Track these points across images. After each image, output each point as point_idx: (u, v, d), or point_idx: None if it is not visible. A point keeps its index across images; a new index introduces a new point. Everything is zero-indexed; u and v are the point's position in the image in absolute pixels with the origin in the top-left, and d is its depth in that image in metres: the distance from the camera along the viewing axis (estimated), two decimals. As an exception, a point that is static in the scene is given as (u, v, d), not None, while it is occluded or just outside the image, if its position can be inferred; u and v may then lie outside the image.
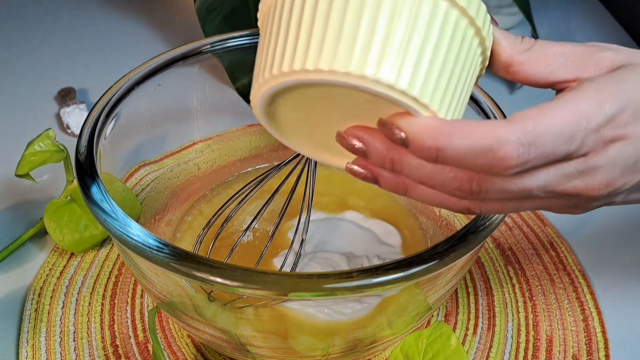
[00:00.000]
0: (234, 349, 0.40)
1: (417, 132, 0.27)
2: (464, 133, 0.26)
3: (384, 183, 0.30)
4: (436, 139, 0.26)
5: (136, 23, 0.82)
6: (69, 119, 0.63)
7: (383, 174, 0.30)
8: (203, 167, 0.53)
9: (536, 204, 0.30)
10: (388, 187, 0.30)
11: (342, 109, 0.29)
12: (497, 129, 0.26)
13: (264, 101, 0.30)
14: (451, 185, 0.28)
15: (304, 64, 0.27)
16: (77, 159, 0.38)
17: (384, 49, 0.26)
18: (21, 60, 0.75)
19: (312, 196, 0.45)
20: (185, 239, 0.49)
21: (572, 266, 0.51)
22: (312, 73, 0.27)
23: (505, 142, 0.26)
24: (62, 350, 0.44)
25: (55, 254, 0.51)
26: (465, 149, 0.26)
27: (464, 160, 0.26)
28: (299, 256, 0.44)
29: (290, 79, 0.27)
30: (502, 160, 0.26)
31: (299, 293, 0.32)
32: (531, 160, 0.26)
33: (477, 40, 0.29)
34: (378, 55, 0.26)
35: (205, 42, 0.48)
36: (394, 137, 0.27)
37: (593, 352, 0.45)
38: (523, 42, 0.31)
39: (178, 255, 0.32)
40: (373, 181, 0.31)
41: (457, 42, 0.28)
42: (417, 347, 0.38)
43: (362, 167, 0.30)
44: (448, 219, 0.47)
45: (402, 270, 0.32)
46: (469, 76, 0.29)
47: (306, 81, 0.27)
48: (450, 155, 0.26)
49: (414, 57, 0.26)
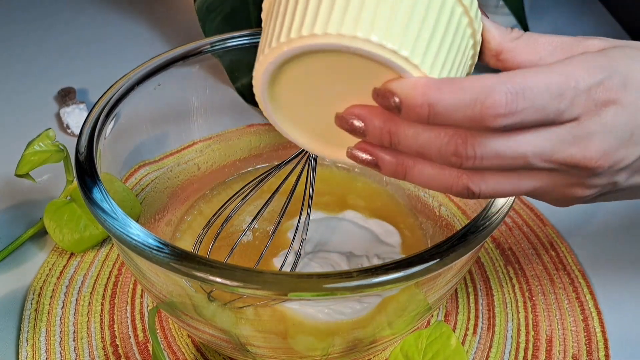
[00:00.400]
0: (233, 348, 0.40)
1: (408, 91, 0.27)
2: (453, 86, 0.27)
3: (384, 167, 0.31)
4: (426, 95, 0.27)
5: (136, 23, 0.82)
6: (69, 119, 0.64)
7: (383, 156, 0.30)
8: (203, 167, 0.53)
9: (536, 180, 0.29)
10: (388, 171, 0.31)
11: (341, 88, 0.30)
12: (485, 80, 0.26)
13: (268, 75, 0.31)
14: (447, 151, 0.28)
15: (300, 31, 0.28)
16: (77, 159, 0.38)
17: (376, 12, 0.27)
18: (21, 60, 0.75)
19: (312, 196, 0.45)
20: (185, 239, 0.49)
21: (572, 266, 0.51)
22: (307, 39, 0.28)
23: (492, 90, 0.26)
24: (62, 350, 0.44)
25: (55, 254, 0.51)
26: (455, 101, 0.26)
27: (454, 114, 0.27)
28: (299, 256, 0.44)
29: (297, 45, 0.28)
30: (491, 107, 0.26)
31: (299, 293, 0.32)
32: (520, 112, 0.26)
33: (465, 20, 0.30)
34: (370, 18, 0.27)
35: (205, 42, 0.48)
36: (389, 104, 0.28)
37: (593, 352, 0.45)
38: (512, 32, 0.31)
39: (178, 255, 0.32)
40: (374, 165, 0.31)
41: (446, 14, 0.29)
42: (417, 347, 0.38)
43: (363, 150, 0.31)
44: (448, 219, 0.47)
45: (402, 270, 0.32)
46: (460, 52, 0.30)
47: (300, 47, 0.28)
48: (442, 111, 0.27)
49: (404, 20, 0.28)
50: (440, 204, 0.49)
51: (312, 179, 0.45)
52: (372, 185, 0.54)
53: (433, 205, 0.50)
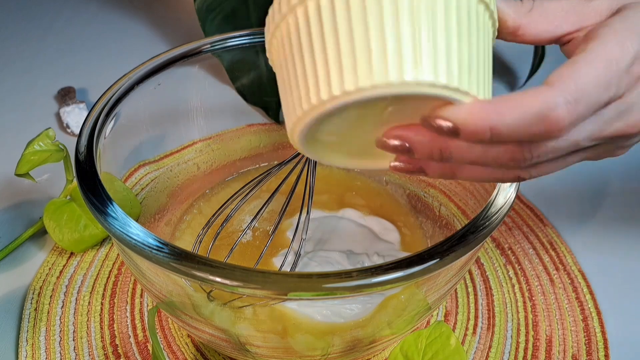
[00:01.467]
0: (233, 348, 0.40)
1: (466, 118, 0.27)
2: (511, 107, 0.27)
3: (431, 172, 0.31)
4: (487, 119, 0.27)
5: (136, 23, 0.82)
6: (69, 119, 0.64)
7: (430, 163, 0.31)
8: (203, 166, 0.53)
9: (581, 156, 0.30)
10: (435, 175, 0.31)
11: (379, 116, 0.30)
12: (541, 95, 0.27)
13: (304, 134, 0.30)
14: (504, 158, 0.28)
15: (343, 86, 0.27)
16: (76, 159, 0.38)
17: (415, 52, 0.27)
18: (21, 59, 0.75)
19: (312, 195, 0.45)
20: (184, 239, 0.49)
21: (571, 266, 0.51)
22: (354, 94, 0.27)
23: (554, 105, 0.26)
24: (61, 349, 0.44)
25: (55, 254, 0.51)
26: (517, 121, 0.26)
27: (518, 133, 0.27)
28: (299, 255, 0.44)
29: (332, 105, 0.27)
30: (556, 123, 0.26)
31: (299, 293, 0.32)
32: (581, 116, 0.27)
33: (487, 14, 0.29)
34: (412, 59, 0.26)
35: (205, 41, 0.48)
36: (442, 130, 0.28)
37: (592, 352, 0.45)
38: (523, 5, 0.32)
39: (178, 255, 0.32)
40: (419, 172, 0.31)
41: (474, 23, 0.28)
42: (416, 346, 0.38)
43: (407, 162, 0.31)
44: (448, 218, 0.47)
45: (401, 269, 0.32)
46: (488, 51, 0.30)
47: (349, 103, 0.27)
48: (504, 132, 0.27)
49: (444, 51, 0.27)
50: (440, 204, 0.49)
51: (312, 178, 0.45)
52: (372, 184, 0.54)
53: (433, 205, 0.50)
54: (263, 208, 0.46)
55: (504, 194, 0.36)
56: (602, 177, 0.60)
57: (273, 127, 0.57)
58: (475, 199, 0.44)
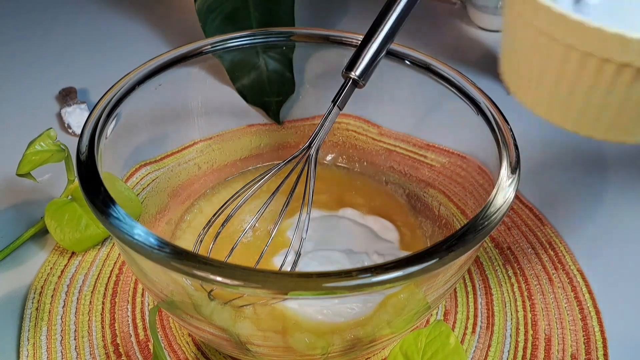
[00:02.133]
0: (234, 347, 0.41)
1: None
2: None
3: None
4: None
5: (137, 23, 0.82)
6: (70, 119, 0.64)
7: None
8: (203, 166, 0.53)
9: None
10: None
11: None
12: None
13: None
14: None
15: None
16: (78, 159, 0.38)
17: None
18: (22, 60, 0.75)
19: (312, 195, 0.46)
20: (185, 238, 0.49)
21: (570, 266, 0.51)
22: None
23: None
24: (62, 348, 0.44)
25: (56, 253, 0.51)
26: None
27: None
28: (299, 255, 0.44)
29: None
30: None
31: (299, 292, 0.32)
32: None
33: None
34: None
35: (206, 42, 0.48)
36: None
37: (591, 351, 0.45)
38: None
39: (179, 254, 0.32)
40: None
41: None
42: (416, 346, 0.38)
43: None
44: (447, 218, 0.48)
45: (401, 269, 0.32)
46: None
47: None
48: None
49: None
50: (439, 203, 0.49)
51: (312, 178, 0.46)
52: (372, 184, 0.54)
53: (432, 205, 0.50)
54: (263, 208, 0.46)
55: (503, 194, 0.37)
56: (602, 177, 0.60)
57: (273, 127, 0.57)
58: (475, 198, 0.44)
